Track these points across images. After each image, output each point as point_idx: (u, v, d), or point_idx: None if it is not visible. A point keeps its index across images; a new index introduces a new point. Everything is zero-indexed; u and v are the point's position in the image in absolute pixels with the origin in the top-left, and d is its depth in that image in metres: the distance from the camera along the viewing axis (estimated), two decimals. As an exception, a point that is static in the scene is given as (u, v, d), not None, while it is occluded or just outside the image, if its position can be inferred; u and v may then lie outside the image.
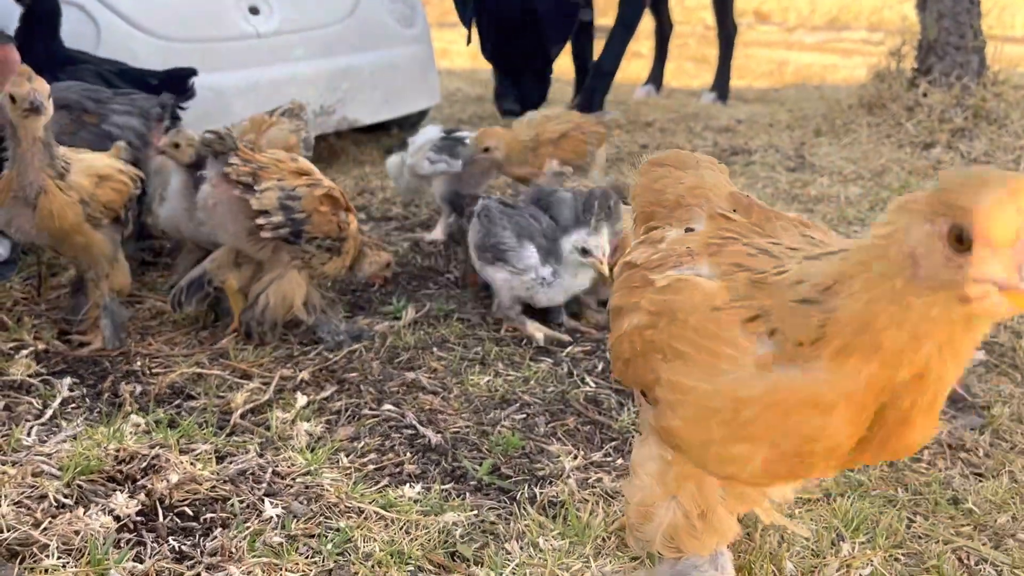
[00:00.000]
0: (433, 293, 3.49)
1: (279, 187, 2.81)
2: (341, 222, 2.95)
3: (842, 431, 1.29)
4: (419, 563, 1.91)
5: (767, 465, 1.36)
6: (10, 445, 2.20)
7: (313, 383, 2.71)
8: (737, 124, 6.83)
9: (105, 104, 3.37)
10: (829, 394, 1.26)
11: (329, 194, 2.92)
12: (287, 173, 2.87)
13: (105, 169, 2.82)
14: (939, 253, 1.12)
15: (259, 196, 2.77)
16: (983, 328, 1.20)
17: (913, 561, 2.00)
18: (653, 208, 1.79)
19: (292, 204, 2.81)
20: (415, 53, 5.61)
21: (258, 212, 2.77)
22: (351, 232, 3.01)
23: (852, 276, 1.23)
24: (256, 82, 4.59)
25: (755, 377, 1.31)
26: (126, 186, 2.87)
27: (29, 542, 1.82)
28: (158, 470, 2.10)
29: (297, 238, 2.84)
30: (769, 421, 1.31)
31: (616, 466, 2.34)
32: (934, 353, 1.20)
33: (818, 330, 1.26)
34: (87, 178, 2.74)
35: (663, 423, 1.46)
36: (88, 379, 2.65)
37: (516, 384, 2.76)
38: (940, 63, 6.05)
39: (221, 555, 1.87)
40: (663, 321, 1.46)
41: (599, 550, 1.97)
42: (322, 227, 2.88)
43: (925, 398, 1.26)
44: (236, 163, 2.77)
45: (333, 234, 2.93)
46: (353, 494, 2.12)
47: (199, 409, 2.49)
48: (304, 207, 2.83)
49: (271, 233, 2.80)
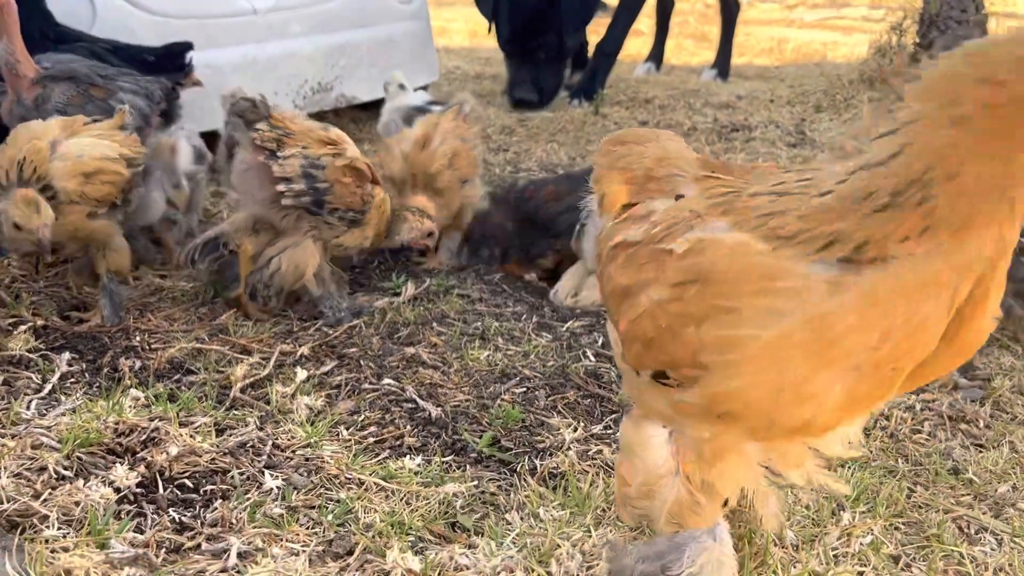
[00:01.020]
0: (433, 269, 3.47)
1: (303, 155, 2.80)
2: (365, 194, 2.93)
3: (943, 317, 1.31)
4: (420, 533, 1.91)
5: (848, 392, 1.35)
6: (9, 418, 2.20)
7: (313, 358, 2.70)
8: (737, 100, 6.80)
9: (112, 80, 3.36)
10: (945, 271, 1.28)
11: (353, 165, 2.89)
12: (315, 142, 2.85)
13: (94, 164, 2.75)
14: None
15: (282, 163, 2.76)
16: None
17: (913, 530, 2.00)
18: (621, 187, 1.78)
19: (315, 173, 2.80)
20: (413, 29, 5.58)
21: (280, 179, 2.76)
22: (376, 204, 2.98)
23: (939, 155, 1.26)
24: (253, 58, 4.57)
25: (835, 294, 1.32)
26: (119, 175, 2.81)
27: (29, 513, 1.82)
28: (158, 443, 2.10)
29: (319, 208, 2.83)
30: (865, 328, 1.31)
31: (616, 438, 2.33)
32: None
33: (923, 220, 1.28)
34: (73, 179, 2.68)
35: (714, 390, 1.43)
36: (87, 354, 2.65)
37: (516, 359, 2.76)
38: (942, 37, 6.02)
39: (221, 526, 1.88)
40: (693, 288, 1.43)
41: (599, 520, 1.97)
42: (345, 198, 2.87)
43: (999, 272, 1.32)
44: (262, 128, 2.77)
45: (356, 206, 2.91)
46: (353, 466, 2.12)
47: (198, 383, 2.48)
48: (327, 177, 2.82)
49: (292, 201, 2.79)
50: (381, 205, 3.01)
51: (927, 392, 2.62)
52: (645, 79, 7.94)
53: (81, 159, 2.73)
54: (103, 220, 2.81)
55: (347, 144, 2.94)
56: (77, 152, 2.73)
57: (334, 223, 2.89)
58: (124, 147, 2.88)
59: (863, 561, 1.88)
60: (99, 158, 2.78)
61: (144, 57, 3.72)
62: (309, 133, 2.86)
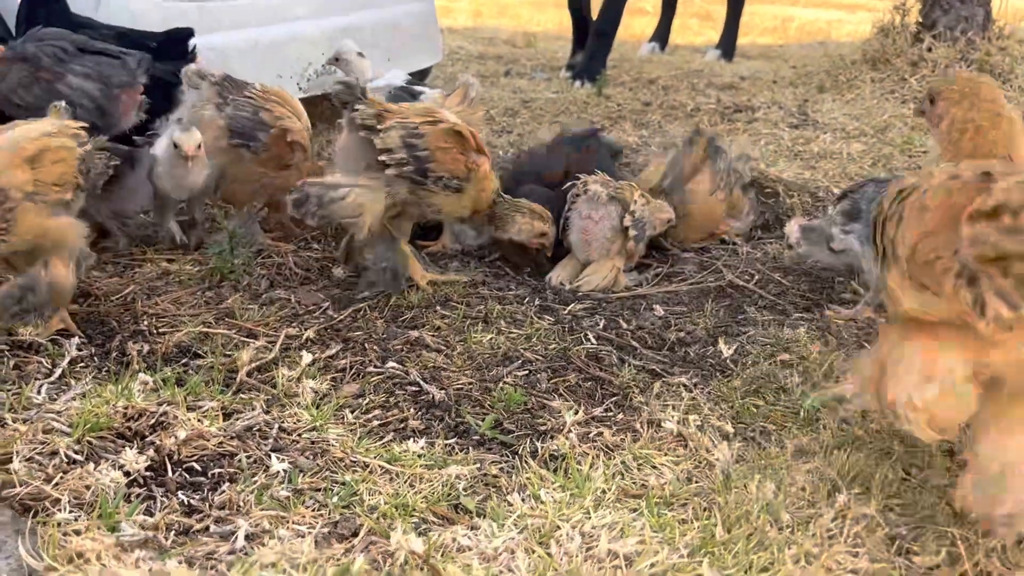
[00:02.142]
0: (437, 252, 3.50)
1: (402, 125, 2.86)
2: (470, 162, 2.95)
3: None
4: (423, 515, 1.95)
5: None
6: (20, 403, 2.24)
7: (318, 342, 2.74)
8: (740, 81, 6.79)
9: (65, 63, 3.29)
10: None
11: (454, 130, 2.92)
12: (412, 114, 2.90)
13: (35, 143, 2.48)
14: None
15: (383, 136, 2.82)
16: None
17: (907, 511, 2.04)
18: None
19: (415, 142, 2.85)
20: (418, 11, 5.58)
21: (382, 151, 2.82)
22: (480, 174, 2.99)
23: None
24: (257, 41, 4.57)
25: None
26: (69, 150, 2.57)
27: (41, 496, 1.86)
28: (166, 427, 2.14)
29: (423, 176, 2.88)
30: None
31: (616, 420, 2.37)
32: None
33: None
34: (18, 169, 2.40)
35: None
36: (96, 339, 2.68)
37: (518, 342, 2.79)
38: (945, 17, 5.99)
39: (229, 508, 1.92)
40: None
41: (599, 501, 2.01)
42: (447, 165, 2.90)
43: None
44: (361, 108, 2.84)
45: (460, 174, 2.94)
46: (358, 449, 2.16)
47: (206, 367, 2.52)
48: (427, 144, 2.87)
49: (396, 171, 2.85)
50: (485, 177, 3.03)
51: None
52: (649, 59, 7.93)
53: (19, 144, 2.46)
54: (65, 219, 2.54)
55: (445, 113, 2.97)
56: (10, 143, 2.46)
57: (437, 191, 2.92)
58: (62, 125, 2.67)
59: (858, 542, 1.92)
60: (37, 137, 2.51)
61: (146, 43, 3.72)
62: (407, 109, 2.94)
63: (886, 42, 6.23)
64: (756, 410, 2.44)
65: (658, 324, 2.95)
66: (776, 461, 2.19)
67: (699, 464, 2.18)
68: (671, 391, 2.52)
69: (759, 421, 2.39)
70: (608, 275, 3.19)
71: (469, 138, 2.96)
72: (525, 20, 10.92)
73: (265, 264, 3.28)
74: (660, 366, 2.68)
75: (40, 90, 3.23)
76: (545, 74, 7.18)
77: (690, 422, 2.34)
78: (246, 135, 3.25)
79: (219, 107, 3.29)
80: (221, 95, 3.30)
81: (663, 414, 2.39)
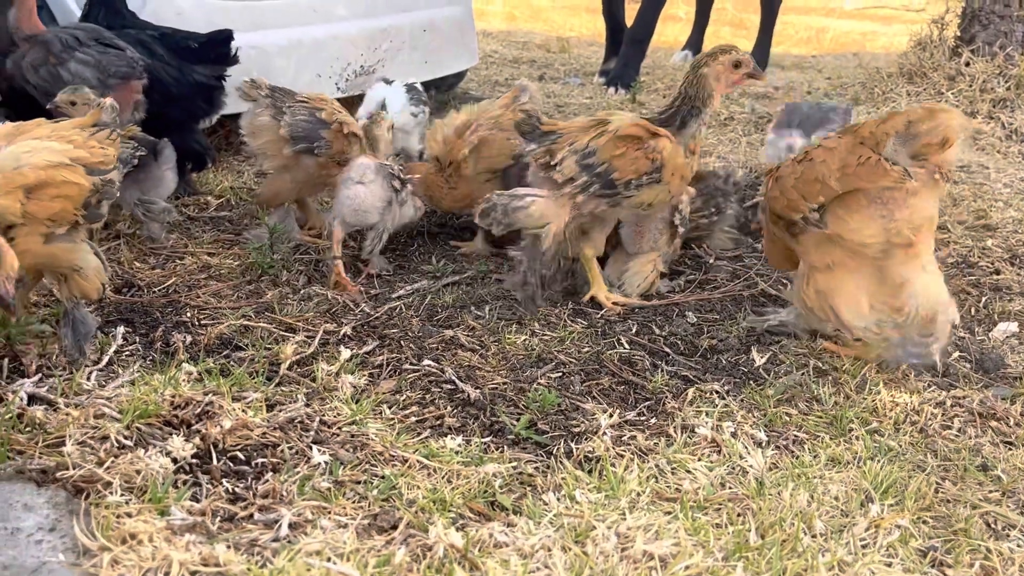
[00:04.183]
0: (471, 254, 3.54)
1: (572, 151, 2.89)
2: (650, 153, 2.91)
3: None
4: (460, 511, 1.99)
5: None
6: (72, 389, 2.30)
7: (355, 338, 2.79)
8: (775, 91, 6.78)
9: (72, 50, 3.43)
10: None
11: (624, 134, 2.90)
12: (579, 132, 2.94)
13: (37, 173, 2.21)
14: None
15: (559, 169, 2.87)
16: None
17: (941, 524, 2.05)
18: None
19: (591, 161, 2.88)
20: (455, 14, 5.63)
21: (565, 183, 2.87)
22: (667, 156, 2.92)
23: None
24: (299, 41, 4.64)
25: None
26: (76, 186, 2.28)
27: (94, 479, 1.92)
28: (212, 416, 2.19)
29: (613, 188, 2.89)
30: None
31: (650, 425, 2.40)
32: None
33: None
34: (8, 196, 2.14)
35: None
36: (140, 328, 2.74)
37: (552, 344, 2.83)
38: (984, 32, 5.96)
39: (272, 497, 1.96)
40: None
41: (634, 503, 2.04)
42: (630, 167, 2.90)
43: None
44: (534, 148, 2.93)
45: (647, 168, 2.91)
46: (397, 444, 2.21)
47: (248, 360, 2.57)
48: (602, 158, 2.88)
49: (584, 196, 2.88)
50: (673, 156, 2.95)
51: (957, 389, 2.66)
52: (682, 66, 7.92)
53: (19, 170, 2.19)
54: (63, 243, 2.31)
55: (611, 118, 2.97)
56: (13, 162, 2.20)
57: (635, 192, 2.92)
58: (84, 149, 2.38)
59: (891, 552, 1.93)
60: (43, 167, 2.22)
61: (188, 44, 3.78)
62: (574, 128, 2.98)
63: (923, 56, 6.20)
64: (789, 418, 2.46)
65: (690, 331, 2.97)
66: (809, 470, 2.21)
67: (733, 470, 2.20)
68: (704, 397, 2.54)
69: (792, 430, 2.41)
70: (648, 275, 3.21)
71: (640, 132, 2.92)
72: (559, 25, 10.95)
73: (302, 260, 3.33)
74: (693, 372, 2.70)
75: (47, 72, 3.38)
76: (579, 79, 7.21)
77: (723, 428, 2.37)
78: (310, 137, 3.30)
79: (275, 116, 3.34)
80: (275, 104, 3.36)
81: (696, 420, 2.41)
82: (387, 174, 3.22)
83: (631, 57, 6.81)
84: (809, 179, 2.59)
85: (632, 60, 6.81)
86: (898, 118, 2.50)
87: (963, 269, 3.54)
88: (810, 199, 2.59)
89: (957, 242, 3.77)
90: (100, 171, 2.38)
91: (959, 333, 3.02)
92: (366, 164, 3.21)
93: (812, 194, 2.58)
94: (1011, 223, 4.01)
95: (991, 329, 3.06)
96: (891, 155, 2.49)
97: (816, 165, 2.58)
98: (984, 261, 3.60)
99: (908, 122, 2.48)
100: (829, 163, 2.55)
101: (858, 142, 2.54)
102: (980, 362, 2.82)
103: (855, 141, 2.55)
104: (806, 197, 2.60)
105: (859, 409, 2.50)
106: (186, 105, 3.74)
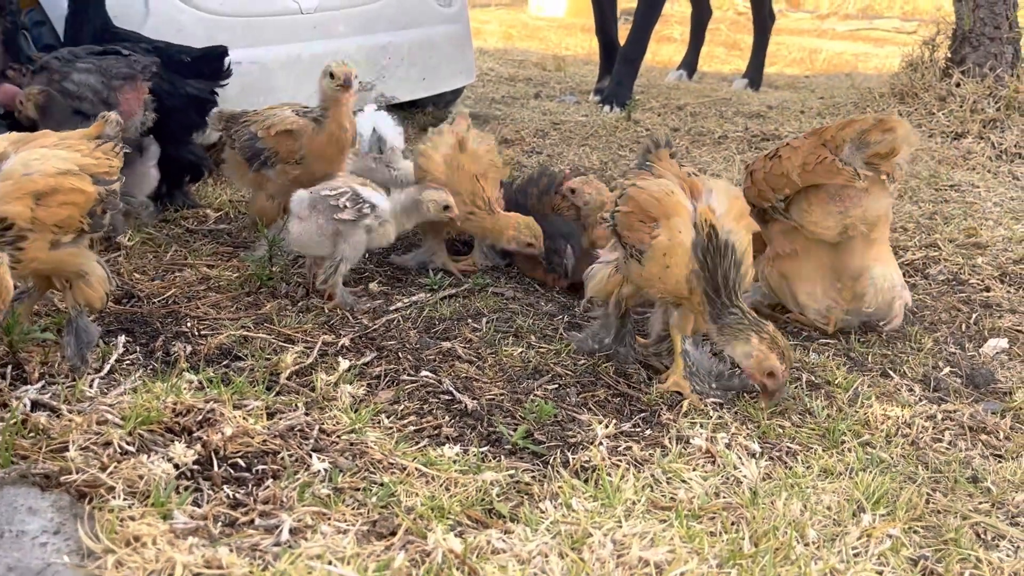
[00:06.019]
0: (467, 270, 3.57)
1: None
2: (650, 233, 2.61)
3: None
4: (458, 518, 2.01)
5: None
6: (75, 395, 2.33)
7: (353, 349, 2.82)
8: (768, 110, 6.86)
9: (71, 63, 3.47)
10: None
11: (635, 208, 2.64)
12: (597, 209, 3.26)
13: (47, 180, 2.26)
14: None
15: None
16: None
17: (931, 534, 2.08)
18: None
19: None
20: (453, 32, 5.69)
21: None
22: (658, 242, 2.58)
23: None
24: (298, 56, 4.69)
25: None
26: (82, 194, 2.33)
27: (97, 484, 1.94)
28: (213, 423, 2.21)
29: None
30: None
31: (645, 436, 2.43)
32: None
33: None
34: (18, 202, 2.20)
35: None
36: (140, 338, 2.77)
37: (548, 356, 2.86)
38: (974, 53, 6.05)
39: (273, 503, 1.99)
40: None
41: (629, 512, 2.07)
42: (631, 236, 2.65)
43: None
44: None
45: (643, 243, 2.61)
46: (395, 452, 2.23)
47: (248, 369, 2.60)
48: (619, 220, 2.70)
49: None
50: (666, 238, 2.59)
51: (948, 403, 2.70)
52: (676, 86, 8.02)
53: (29, 176, 2.24)
54: (69, 248, 2.37)
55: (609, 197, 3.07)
56: (23, 169, 2.25)
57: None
58: (91, 158, 2.43)
59: (883, 561, 1.97)
60: (52, 174, 2.27)
61: (181, 58, 3.80)
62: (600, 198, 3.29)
63: (914, 76, 6.28)
64: (782, 430, 2.50)
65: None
66: (803, 480, 2.24)
67: (727, 480, 2.23)
68: (698, 410, 2.57)
69: (785, 441, 2.44)
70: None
71: (648, 211, 2.62)
72: (554, 44, 11.04)
73: (300, 272, 3.36)
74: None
75: (54, 91, 3.40)
76: (575, 97, 7.28)
77: (718, 440, 2.40)
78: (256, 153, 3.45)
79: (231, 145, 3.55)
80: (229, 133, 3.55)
81: (691, 431, 2.45)
82: (327, 206, 3.04)
83: (624, 76, 6.89)
84: (776, 173, 3.03)
85: (625, 79, 6.88)
86: (853, 126, 2.92)
87: (954, 286, 3.59)
88: (777, 191, 3.03)
89: (948, 260, 3.82)
90: (105, 181, 2.44)
91: (950, 349, 3.07)
92: (301, 198, 3.09)
93: (779, 187, 3.02)
94: (1001, 241, 4.06)
95: (981, 345, 3.10)
96: (848, 157, 2.89)
97: (783, 161, 3.02)
98: (975, 278, 3.65)
99: (860, 131, 2.88)
100: (793, 160, 2.98)
101: (820, 143, 2.95)
102: (971, 377, 2.86)
103: (818, 142, 2.96)
104: (774, 189, 3.04)
105: (851, 422, 2.54)
106: (179, 117, 3.77)
